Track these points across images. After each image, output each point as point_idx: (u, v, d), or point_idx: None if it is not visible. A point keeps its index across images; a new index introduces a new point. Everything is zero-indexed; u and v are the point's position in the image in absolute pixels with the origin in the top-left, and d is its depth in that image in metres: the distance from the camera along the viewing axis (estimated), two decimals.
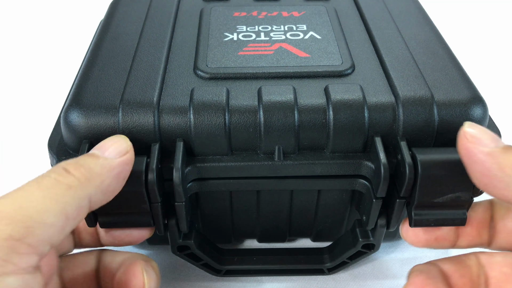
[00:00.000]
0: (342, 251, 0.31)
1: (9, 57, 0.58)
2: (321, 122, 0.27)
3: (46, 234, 0.20)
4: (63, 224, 0.20)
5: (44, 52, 0.57)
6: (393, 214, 0.27)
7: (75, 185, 0.21)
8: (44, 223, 0.20)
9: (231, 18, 0.36)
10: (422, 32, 0.34)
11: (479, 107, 0.27)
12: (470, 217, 0.26)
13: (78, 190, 0.21)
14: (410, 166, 0.25)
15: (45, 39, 0.61)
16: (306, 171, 0.27)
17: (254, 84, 0.28)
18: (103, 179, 0.23)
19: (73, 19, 0.65)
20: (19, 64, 0.56)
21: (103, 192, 0.23)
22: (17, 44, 0.61)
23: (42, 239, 0.20)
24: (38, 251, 0.20)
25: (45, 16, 0.67)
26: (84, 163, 0.23)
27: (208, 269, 0.31)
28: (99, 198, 0.23)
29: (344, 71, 0.29)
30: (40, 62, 0.55)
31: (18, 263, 0.19)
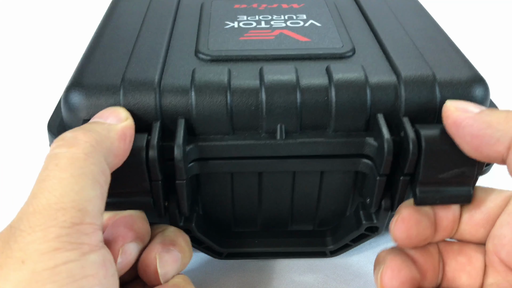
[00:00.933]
0: (345, 233, 0.30)
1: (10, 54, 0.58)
2: (323, 100, 0.27)
3: (95, 207, 0.21)
4: (101, 190, 0.22)
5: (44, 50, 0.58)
6: (397, 193, 0.27)
7: (89, 151, 0.22)
8: (89, 200, 0.21)
9: (231, 9, 0.36)
10: (420, 21, 0.34)
11: (481, 87, 0.27)
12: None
13: (94, 154, 0.22)
14: (413, 141, 0.24)
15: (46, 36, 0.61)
16: (308, 150, 0.27)
17: (255, 65, 0.28)
18: (112, 141, 0.23)
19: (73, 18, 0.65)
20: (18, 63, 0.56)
21: (115, 155, 0.23)
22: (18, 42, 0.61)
23: (95, 213, 0.21)
24: (98, 225, 0.21)
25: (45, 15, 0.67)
26: (91, 128, 0.23)
27: (210, 252, 0.31)
28: (112, 161, 0.23)
29: (345, 53, 0.30)
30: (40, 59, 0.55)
31: (90, 242, 0.20)
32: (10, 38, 0.63)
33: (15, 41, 0.62)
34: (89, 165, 0.21)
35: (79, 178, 0.21)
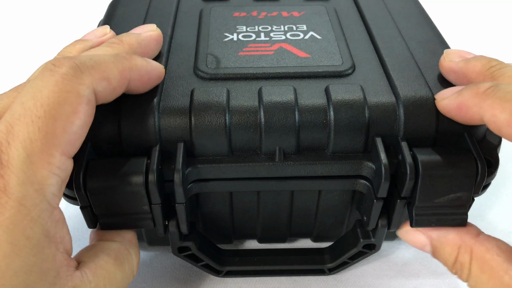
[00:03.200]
0: (343, 251, 0.30)
1: (8, 56, 0.58)
2: (322, 122, 0.27)
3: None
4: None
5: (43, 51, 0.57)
6: (394, 214, 0.27)
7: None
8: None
9: (230, 18, 0.36)
10: (422, 32, 0.34)
11: None
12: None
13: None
14: (411, 167, 0.25)
15: (45, 38, 0.61)
16: (307, 172, 0.27)
17: (254, 85, 0.28)
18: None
19: (73, 19, 0.65)
20: (17, 64, 0.55)
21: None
22: (16, 43, 0.61)
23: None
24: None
25: (45, 15, 0.67)
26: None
27: (209, 269, 0.31)
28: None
29: (344, 71, 0.29)
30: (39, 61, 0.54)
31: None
32: (9, 38, 0.62)
33: (15, 41, 0.61)
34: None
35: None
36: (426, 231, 0.27)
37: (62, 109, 0.21)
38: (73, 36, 0.30)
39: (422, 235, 0.27)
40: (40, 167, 0.20)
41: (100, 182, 0.24)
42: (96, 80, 0.22)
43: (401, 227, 0.28)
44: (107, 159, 0.26)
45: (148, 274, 0.33)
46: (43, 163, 0.20)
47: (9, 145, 0.20)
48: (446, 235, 0.27)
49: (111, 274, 0.24)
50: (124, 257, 0.26)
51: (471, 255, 0.25)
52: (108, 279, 0.24)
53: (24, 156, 0.20)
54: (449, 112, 0.25)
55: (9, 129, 0.20)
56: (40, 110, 0.20)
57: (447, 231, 0.27)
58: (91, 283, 0.22)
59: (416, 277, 0.33)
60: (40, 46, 0.59)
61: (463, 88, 0.25)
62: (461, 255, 0.26)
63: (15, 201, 0.19)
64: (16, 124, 0.20)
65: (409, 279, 0.33)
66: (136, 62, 0.25)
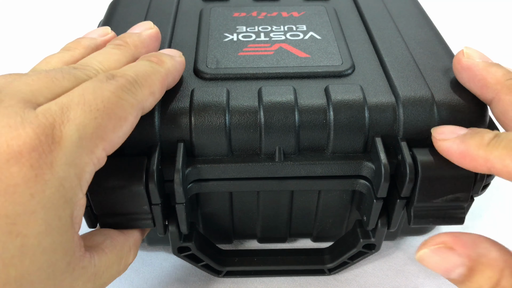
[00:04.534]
0: (343, 251, 0.31)
1: (7, 56, 0.58)
2: (322, 122, 0.27)
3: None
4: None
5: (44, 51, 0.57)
6: (393, 214, 0.27)
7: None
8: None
9: (230, 18, 0.36)
10: (422, 32, 0.34)
11: (479, 110, 0.27)
12: None
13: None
14: (410, 167, 0.25)
15: (45, 38, 0.61)
16: (306, 172, 0.27)
17: (254, 85, 0.28)
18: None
19: (73, 19, 0.65)
20: (17, 63, 0.55)
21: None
22: (16, 43, 0.61)
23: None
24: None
25: (44, 16, 0.67)
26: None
27: (209, 270, 0.31)
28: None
29: (344, 72, 0.29)
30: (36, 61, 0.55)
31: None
32: (9, 38, 0.62)
33: (14, 42, 0.61)
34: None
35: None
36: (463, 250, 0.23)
37: (117, 111, 0.22)
38: (72, 36, 0.30)
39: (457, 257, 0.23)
40: (85, 153, 0.21)
41: (100, 182, 0.24)
42: (146, 96, 0.24)
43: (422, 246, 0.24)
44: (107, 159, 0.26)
45: (148, 274, 0.34)
46: (88, 150, 0.21)
47: (63, 124, 0.20)
48: (488, 254, 0.23)
49: (111, 264, 0.25)
50: (124, 253, 0.26)
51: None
52: (106, 268, 0.24)
53: (76, 138, 0.20)
54: (451, 156, 0.25)
55: (64, 111, 0.21)
56: (100, 104, 0.21)
57: (489, 250, 0.23)
58: (95, 267, 0.23)
59: (416, 277, 0.33)
60: (40, 46, 0.59)
61: (466, 135, 0.24)
62: (505, 279, 0.22)
63: (57, 180, 0.20)
64: (74, 108, 0.21)
65: (409, 279, 0.33)
66: (167, 66, 0.26)
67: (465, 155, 0.24)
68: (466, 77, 0.27)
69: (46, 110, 0.20)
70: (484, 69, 0.26)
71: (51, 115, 0.20)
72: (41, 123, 0.19)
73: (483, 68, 0.26)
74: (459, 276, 0.23)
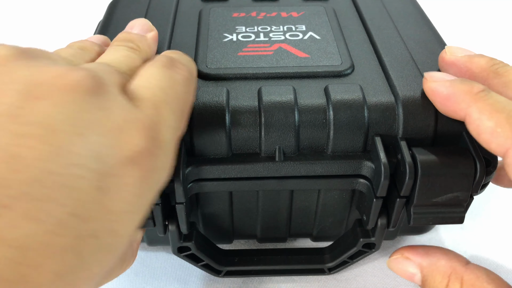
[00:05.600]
0: (343, 250, 0.31)
1: None
2: (321, 122, 0.27)
3: None
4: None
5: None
6: (393, 213, 0.27)
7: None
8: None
9: (230, 18, 0.36)
10: (421, 32, 0.34)
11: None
12: None
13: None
14: (410, 166, 0.25)
15: (44, 39, 0.61)
16: (306, 171, 0.27)
17: (254, 85, 0.28)
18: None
19: (72, 19, 0.65)
20: None
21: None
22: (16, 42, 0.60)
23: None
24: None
25: (43, 16, 0.67)
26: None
27: (209, 269, 0.31)
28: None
29: (343, 71, 0.29)
30: None
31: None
32: (9, 38, 0.62)
33: (14, 41, 0.61)
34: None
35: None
36: (416, 259, 0.28)
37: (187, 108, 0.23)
38: (73, 36, 0.30)
39: (412, 265, 0.28)
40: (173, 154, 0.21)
41: None
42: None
43: (391, 255, 0.29)
44: None
45: (148, 274, 0.34)
46: (174, 152, 0.21)
47: (161, 125, 0.20)
48: (436, 262, 0.27)
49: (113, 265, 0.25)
50: (127, 256, 0.26)
51: (461, 283, 0.26)
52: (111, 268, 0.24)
53: (170, 138, 0.21)
54: (435, 97, 0.25)
55: (158, 111, 0.20)
56: (181, 102, 0.22)
57: (438, 258, 0.28)
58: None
59: None
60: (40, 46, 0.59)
61: (456, 80, 0.25)
62: (451, 283, 0.26)
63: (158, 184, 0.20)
64: (163, 108, 0.20)
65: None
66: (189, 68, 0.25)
67: (450, 98, 0.24)
68: (452, 73, 0.27)
69: (146, 108, 0.20)
70: (467, 61, 0.27)
71: (150, 117, 0.19)
72: (146, 124, 0.19)
73: (466, 60, 0.27)
74: (419, 281, 0.28)
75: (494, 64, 0.26)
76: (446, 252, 0.28)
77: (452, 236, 0.37)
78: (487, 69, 0.26)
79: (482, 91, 0.24)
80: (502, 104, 0.23)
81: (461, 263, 0.27)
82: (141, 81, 0.21)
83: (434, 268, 0.27)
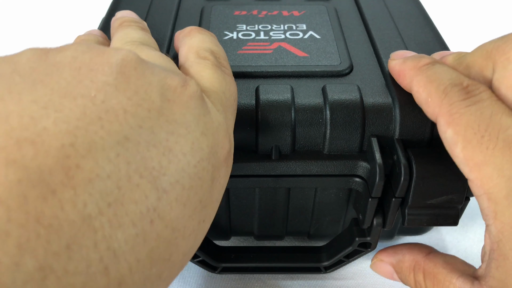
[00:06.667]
0: (339, 249, 0.31)
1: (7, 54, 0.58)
2: (318, 121, 0.27)
3: None
4: None
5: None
6: (389, 213, 0.27)
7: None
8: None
9: (231, 16, 0.36)
10: (422, 33, 0.34)
11: None
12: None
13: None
14: (405, 168, 0.25)
15: (46, 39, 0.61)
16: (302, 170, 0.27)
17: (252, 83, 0.29)
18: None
19: (74, 18, 0.65)
20: None
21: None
22: (16, 42, 0.61)
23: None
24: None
25: (45, 15, 0.67)
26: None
27: (205, 266, 0.31)
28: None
29: (342, 71, 0.30)
30: None
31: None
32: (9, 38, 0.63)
33: (14, 41, 0.62)
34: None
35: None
36: (387, 259, 0.30)
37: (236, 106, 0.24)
38: (76, 33, 0.30)
39: (386, 265, 0.30)
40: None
41: None
42: None
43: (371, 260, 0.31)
44: None
45: None
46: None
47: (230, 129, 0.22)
48: (402, 258, 0.29)
49: None
50: None
51: (423, 273, 0.27)
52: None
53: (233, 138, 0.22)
54: (393, 75, 0.27)
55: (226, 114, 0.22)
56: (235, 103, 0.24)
57: (403, 254, 0.29)
58: None
59: None
60: (45, 42, 0.60)
61: (409, 57, 0.26)
62: (416, 275, 0.28)
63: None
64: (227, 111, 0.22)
65: None
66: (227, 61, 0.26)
67: (400, 74, 0.26)
68: (397, 80, 0.27)
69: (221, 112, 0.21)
70: (402, 64, 0.27)
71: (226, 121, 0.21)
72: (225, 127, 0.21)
73: (401, 64, 0.27)
74: (397, 278, 0.30)
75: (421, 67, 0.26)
76: (410, 247, 0.29)
77: (452, 235, 0.37)
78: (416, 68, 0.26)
79: (426, 64, 0.25)
80: (437, 75, 0.24)
81: (423, 254, 0.28)
82: (206, 84, 0.22)
83: (401, 264, 0.29)
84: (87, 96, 0.16)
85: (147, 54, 0.22)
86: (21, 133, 0.14)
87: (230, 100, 0.23)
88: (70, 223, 0.13)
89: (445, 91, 0.23)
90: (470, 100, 0.22)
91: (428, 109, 0.23)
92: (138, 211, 0.15)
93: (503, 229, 0.21)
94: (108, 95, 0.16)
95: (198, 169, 0.18)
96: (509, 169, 0.20)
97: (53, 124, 0.15)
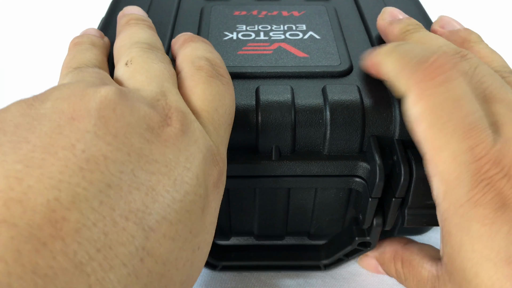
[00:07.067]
0: (339, 248, 0.31)
1: (8, 54, 0.58)
2: (318, 122, 0.27)
3: None
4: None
5: (43, 52, 0.58)
6: (389, 213, 0.27)
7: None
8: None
9: (231, 17, 0.36)
10: None
11: None
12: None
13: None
14: (405, 168, 0.25)
15: (45, 38, 0.61)
16: (302, 171, 0.27)
17: (252, 84, 0.29)
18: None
19: (74, 18, 0.65)
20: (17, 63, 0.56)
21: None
22: (16, 43, 0.61)
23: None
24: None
25: (45, 15, 0.67)
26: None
27: (205, 264, 0.31)
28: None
29: (342, 72, 0.30)
30: (38, 62, 0.55)
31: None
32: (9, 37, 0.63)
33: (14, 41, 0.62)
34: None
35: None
36: (371, 252, 0.31)
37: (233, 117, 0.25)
38: (75, 33, 0.30)
39: (371, 259, 0.32)
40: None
41: None
42: None
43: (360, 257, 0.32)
44: None
45: None
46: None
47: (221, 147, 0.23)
48: (384, 251, 0.31)
49: None
50: None
51: (402, 261, 0.29)
52: None
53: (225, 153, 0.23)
54: (367, 69, 0.27)
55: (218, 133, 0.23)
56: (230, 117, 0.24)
57: (384, 247, 0.31)
58: None
59: None
60: (41, 45, 0.60)
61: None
62: (396, 264, 0.29)
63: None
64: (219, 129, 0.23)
65: None
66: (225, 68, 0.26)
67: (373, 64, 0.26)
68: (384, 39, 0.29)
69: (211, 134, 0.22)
70: (388, 26, 0.28)
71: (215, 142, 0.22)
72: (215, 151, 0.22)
73: (387, 26, 0.28)
74: (382, 271, 0.32)
75: (406, 31, 0.27)
76: (391, 239, 0.31)
77: None
78: (398, 36, 0.27)
79: (396, 45, 0.25)
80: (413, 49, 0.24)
81: (401, 244, 0.30)
82: (197, 103, 0.23)
83: (383, 255, 0.31)
84: (68, 148, 0.17)
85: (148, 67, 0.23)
86: (8, 194, 0.15)
87: (224, 116, 0.23)
88: (63, 271, 0.14)
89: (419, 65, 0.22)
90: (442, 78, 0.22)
91: (401, 80, 0.23)
92: (127, 252, 0.16)
93: (449, 208, 0.21)
94: (88, 143, 0.17)
95: (185, 203, 0.18)
96: (462, 155, 0.21)
97: (37, 181, 0.16)
